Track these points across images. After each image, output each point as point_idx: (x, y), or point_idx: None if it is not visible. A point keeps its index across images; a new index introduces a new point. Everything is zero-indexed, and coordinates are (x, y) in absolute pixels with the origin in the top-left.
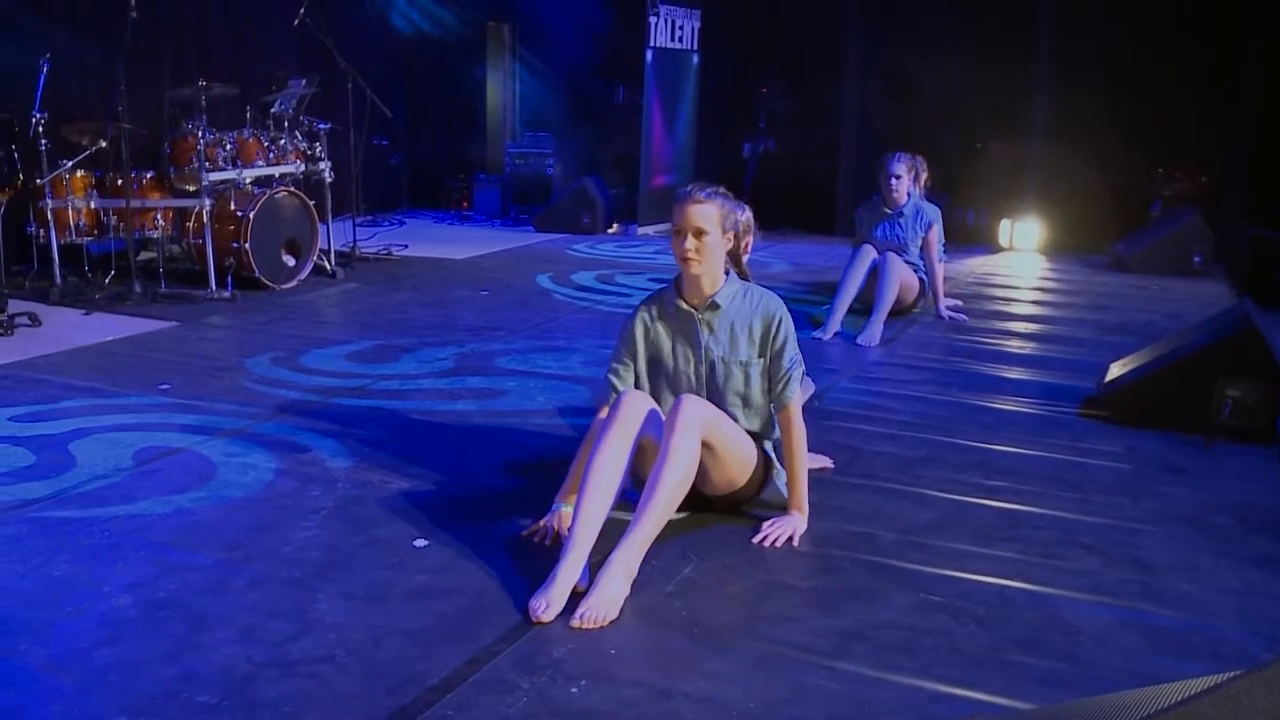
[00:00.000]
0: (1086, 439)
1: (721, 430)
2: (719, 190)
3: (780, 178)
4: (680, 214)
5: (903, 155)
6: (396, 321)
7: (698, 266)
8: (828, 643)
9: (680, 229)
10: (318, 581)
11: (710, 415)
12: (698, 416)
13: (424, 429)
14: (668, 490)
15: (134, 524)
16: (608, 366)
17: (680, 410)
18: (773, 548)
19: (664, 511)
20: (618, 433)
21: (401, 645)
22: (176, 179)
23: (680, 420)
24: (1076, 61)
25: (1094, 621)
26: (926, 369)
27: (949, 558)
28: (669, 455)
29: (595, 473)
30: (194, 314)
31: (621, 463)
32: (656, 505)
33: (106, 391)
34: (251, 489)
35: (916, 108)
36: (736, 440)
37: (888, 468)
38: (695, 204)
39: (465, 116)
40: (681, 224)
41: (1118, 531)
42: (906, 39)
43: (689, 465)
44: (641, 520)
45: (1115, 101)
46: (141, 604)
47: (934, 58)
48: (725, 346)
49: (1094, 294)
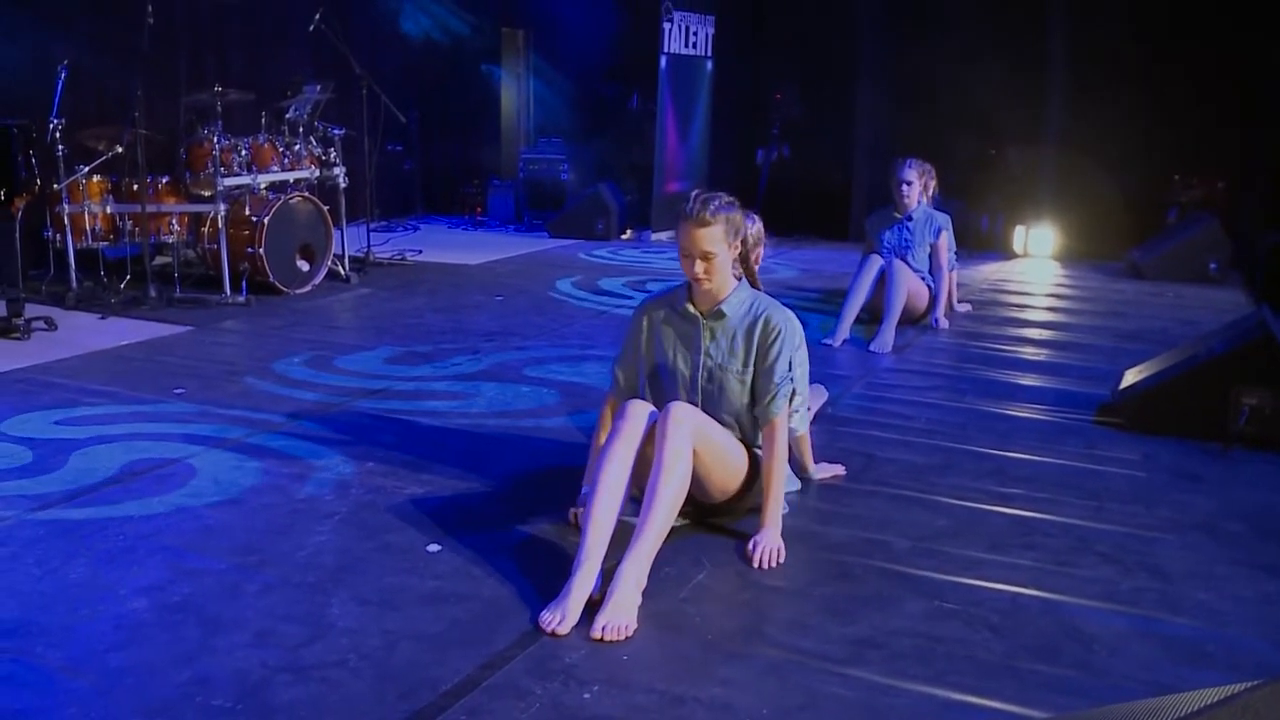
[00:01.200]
0: (1101, 446)
1: (711, 438)
2: (722, 201)
3: (794, 184)
4: (685, 236)
5: (914, 161)
6: (411, 327)
7: (709, 284)
8: (841, 650)
9: (688, 253)
10: (331, 586)
11: (699, 421)
12: (686, 423)
13: (438, 434)
14: (666, 499)
15: (148, 527)
16: (613, 360)
17: (669, 418)
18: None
19: (665, 521)
20: (623, 444)
21: (415, 650)
22: (192, 184)
23: (669, 428)
24: (1092, 66)
25: (1109, 630)
26: (939, 375)
27: (963, 565)
28: (662, 464)
29: (601, 485)
30: (209, 319)
31: (625, 473)
32: (657, 515)
33: (122, 396)
34: (265, 493)
35: (931, 114)
36: (726, 447)
37: (901, 474)
38: (700, 227)
39: (479, 122)
40: (689, 248)
41: (1133, 539)
42: (921, 45)
43: (683, 471)
44: (644, 531)
45: (1131, 106)
46: (156, 607)
47: (949, 63)
48: (724, 355)
49: (1109, 301)
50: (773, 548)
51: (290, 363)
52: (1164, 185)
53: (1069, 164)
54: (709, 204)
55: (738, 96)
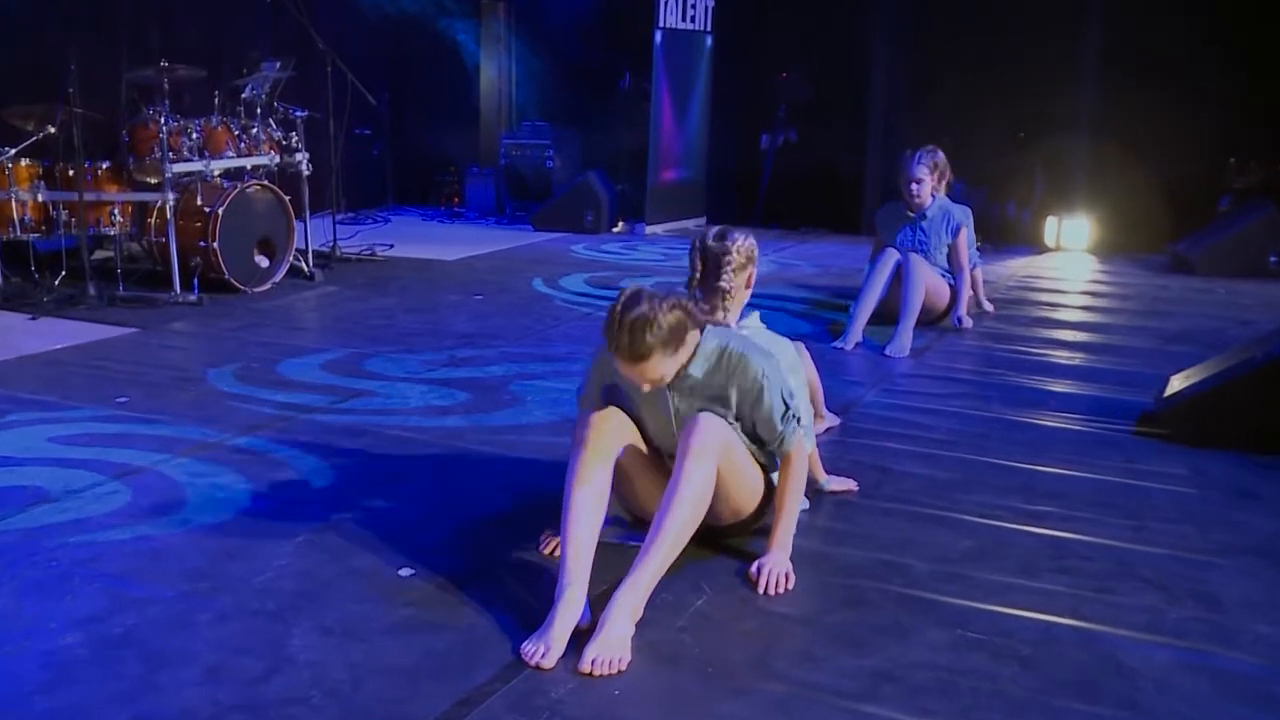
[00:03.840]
0: (1143, 460)
1: (734, 456)
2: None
3: (802, 171)
4: (623, 371)
5: (924, 155)
6: (380, 329)
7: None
8: (855, 684)
9: (631, 383)
10: (292, 615)
11: (728, 439)
12: (715, 440)
13: (410, 447)
14: (680, 521)
15: (86, 552)
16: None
17: (695, 432)
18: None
19: (675, 545)
20: (592, 453)
21: (384, 685)
22: (136, 170)
23: (694, 444)
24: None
25: (1154, 664)
26: (962, 381)
27: (989, 590)
28: (683, 482)
29: (576, 503)
30: (156, 319)
31: (603, 487)
32: (665, 540)
33: (56, 405)
34: (219, 513)
35: (953, 93)
36: (745, 467)
37: (920, 490)
38: (635, 363)
39: (457, 104)
40: (629, 378)
41: (1181, 563)
42: (940, 19)
43: (705, 492)
44: (648, 557)
45: (1177, 82)
46: (93, 641)
47: (972, 38)
48: (697, 405)
49: (1152, 298)
50: (780, 571)
51: (247, 369)
52: (1216, 170)
53: (1106, 147)
54: (635, 330)
55: (740, 75)
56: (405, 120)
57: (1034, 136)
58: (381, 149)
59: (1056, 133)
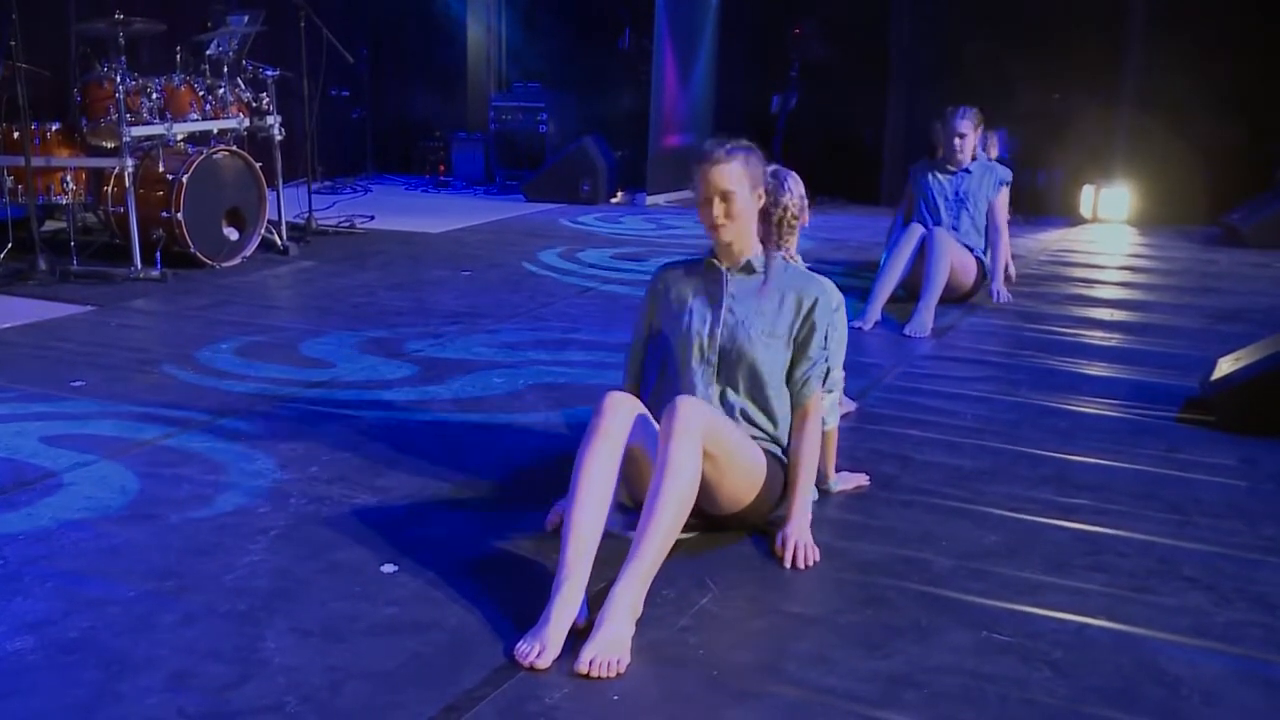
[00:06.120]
0: (1187, 449)
1: (724, 436)
2: (742, 145)
3: (816, 137)
4: (700, 178)
5: (968, 110)
6: (360, 306)
7: (729, 231)
8: (872, 689)
9: (705, 197)
10: (265, 615)
11: (711, 418)
12: (697, 420)
13: (393, 434)
14: (669, 510)
15: (39, 549)
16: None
17: (676, 414)
18: (807, 567)
19: (667, 536)
20: (602, 442)
21: (365, 690)
22: (90, 133)
23: (676, 425)
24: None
25: (1200, 671)
26: (989, 364)
27: (1018, 589)
28: (666, 469)
29: (582, 491)
30: (114, 296)
31: (611, 477)
32: (657, 529)
33: (4, 390)
34: (185, 505)
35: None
36: (740, 449)
37: (943, 481)
38: (715, 164)
39: (443, 63)
40: (705, 190)
41: (1229, 562)
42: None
43: (691, 477)
44: (641, 549)
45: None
46: (46, 646)
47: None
48: (749, 313)
49: (1199, 274)
50: (805, 542)
51: (216, 349)
52: (1273, 135)
53: (1149, 111)
54: (724, 145)
55: (749, 32)
56: (386, 81)
57: (1070, 97)
58: (361, 112)
59: (1097, 93)
